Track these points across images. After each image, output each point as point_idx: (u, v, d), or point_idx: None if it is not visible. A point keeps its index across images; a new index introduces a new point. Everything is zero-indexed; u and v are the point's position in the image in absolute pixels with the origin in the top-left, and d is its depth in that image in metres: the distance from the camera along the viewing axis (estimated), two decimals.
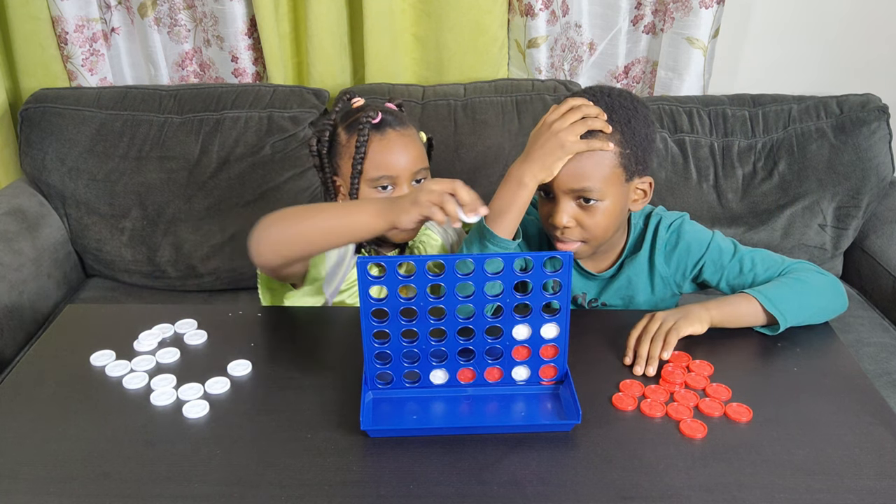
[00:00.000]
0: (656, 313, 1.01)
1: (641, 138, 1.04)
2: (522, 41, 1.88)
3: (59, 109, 1.76)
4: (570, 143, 1.00)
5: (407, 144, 1.14)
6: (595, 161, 1.01)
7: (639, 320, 1.01)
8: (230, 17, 1.84)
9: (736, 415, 0.86)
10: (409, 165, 1.14)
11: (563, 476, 0.79)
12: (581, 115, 1.01)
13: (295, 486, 0.77)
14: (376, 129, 1.13)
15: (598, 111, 1.01)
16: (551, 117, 1.03)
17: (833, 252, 1.77)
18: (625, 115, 1.03)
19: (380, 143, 1.13)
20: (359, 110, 1.16)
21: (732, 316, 1.02)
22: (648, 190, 1.10)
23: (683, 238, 1.14)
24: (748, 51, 1.96)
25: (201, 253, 1.77)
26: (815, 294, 1.05)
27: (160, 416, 0.88)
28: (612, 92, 1.06)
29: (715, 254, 1.12)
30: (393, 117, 1.16)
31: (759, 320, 1.03)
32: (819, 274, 1.09)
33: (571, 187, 1.02)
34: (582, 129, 1.00)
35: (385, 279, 0.82)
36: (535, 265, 0.82)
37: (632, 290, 1.16)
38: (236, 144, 1.75)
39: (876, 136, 1.74)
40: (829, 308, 1.07)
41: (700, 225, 1.16)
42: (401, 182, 1.14)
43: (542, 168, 1.01)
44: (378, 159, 1.13)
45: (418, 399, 0.90)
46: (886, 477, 0.78)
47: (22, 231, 1.68)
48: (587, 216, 1.04)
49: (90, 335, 1.04)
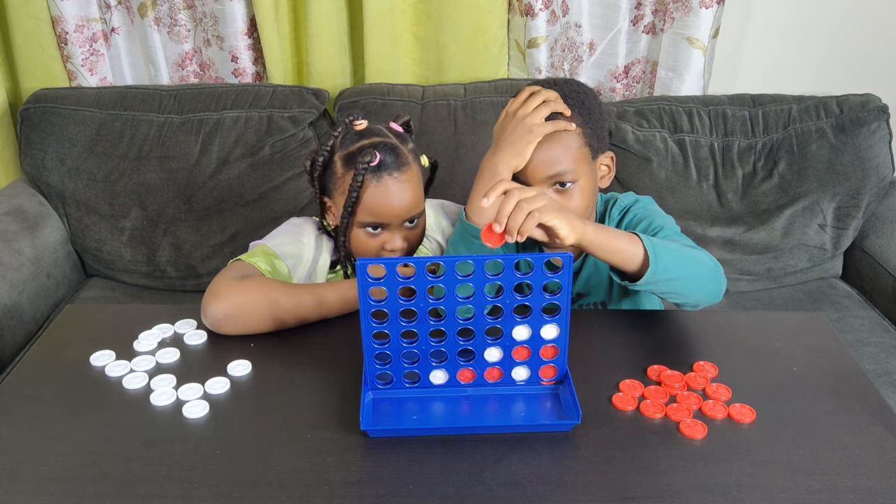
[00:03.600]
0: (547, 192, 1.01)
1: (597, 116, 1.09)
2: (522, 41, 1.88)
3: (58, 109, 1.76)
4: (537, 127, 1.04)
5: (403, 191, 1.11)
6: (563, 145, 1.05)
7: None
8: (230, 17, 1.84)
9: (739, 416, 0.86)
10: (402, 213, 1.12)
11: (563, 476, 0.79)
12: (542, 100, 1.05)
13: (295, 486, 0.77)
14: (373, 173, 1.09)
15: (556, 95, 1.06)
16: (513, 107, 1.08)
17: (833, 252, 1.78)
18: (577, 98, 1.08)
19: (375, 189, 1.09)
20: (360, 136, 1.12)
21: (607, 242, 0.94)
22: (611, 164, 1.15)
23: (630, 211, 1.17)
24: (748, 51, 1.96)
25: (201, 253, 1.78)
26: (694, 263, 1.00)
27: (160, 416, 0.88)
28: (558, 81, 1.12)
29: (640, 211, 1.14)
30: (393, 158, 1.10)
31: (633, 260, 0.95)
32: (707, 254, 1.04)
33: (547, 174, 1.06)
34: (545, 111, 1.04)
35: (384, 281, 0.82)
36: (535, 266, 0.82)
37: (599, 275, 1.18)
38: (236, 144, 1.75)
39: (876, 136, 1.74)
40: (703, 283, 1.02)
41: (657, 207, 1.17)
42: (392, 228, 1.13)
43: (514, 154, 1.04)
44: (371, 205, 1.10)
45: (418, 399, 0.90)
46: (886, 477, 0.78)
47: (22, 231, 1.68)
48: (566, 200, 1.06)
49: (90, 335, 1.04)
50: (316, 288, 1.08)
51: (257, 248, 1.15)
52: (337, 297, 1.06)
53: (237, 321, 1.02)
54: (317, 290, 1.07)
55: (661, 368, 0.94)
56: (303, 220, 1.25)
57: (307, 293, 1.06)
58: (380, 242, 1.14)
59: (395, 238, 1.13)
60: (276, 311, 1.02)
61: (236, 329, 1.02)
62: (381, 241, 1.14)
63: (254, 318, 1.02)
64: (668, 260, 0.97)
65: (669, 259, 0.97)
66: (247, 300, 1.02)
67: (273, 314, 1.02)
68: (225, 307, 1.01)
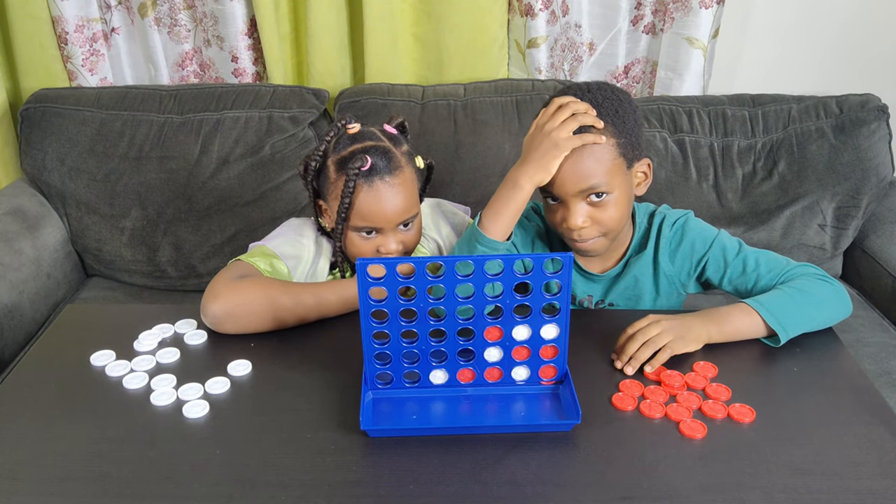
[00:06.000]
0: (659, 318, 0.98)
1: (631, 124, 1.05)
2: (522, 41, 1.88)
3: (59, 109, 1.76)
4: (564, 141, 1.00)
5: (396, 195, 1.10)
6: (595, 158, 1.02)
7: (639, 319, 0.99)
8: (230, 17, 1.84)
9: (739, 415, 0.86)
10: (395, 217, 1.11)
11: (563, 476, 0.79)
12: (570, 112, 1.02)
13: (295, 486, 0.77)
14: (365, 177, 1.09)
15: (587, 107, 1.03)
16: (542, 120, 1.04)
17: (833, 252, 1.77)
18: (611, 106, 1.04)
19: (367, 193, 1.09)
20: (353, 139, 1.12)
21: (732, 333, 0.99)
22: (648, 171, 1.11)
23: (688, 235, 1.13)
24: (748, 51, 1.96)
25: (201, 253, 1.78)
26: (818, 304, 1.02)
27: (160, 416, 0.88)
28: (591, 87, 1.07)
29: (718, 251, 1.11)
30: (385, 162, 1.10)
31: (759, 333, 1.00)
32: (823, 282, 1.04)
33: (580, 188, 1.03)
34: (573, 125, 1.01)
35: (384, 281, 0.82)
36: (536, 267, 0.82)
37: (638, 289, 1.16)
38: (236, 144, 1.75)
39: (876, 136, 1.74)
40: (832, 317, 1.04)
41: (705, 222, 1.16)
42: (386, 231, 1.13)
43: (539, 169, 1.01)
44: (364, 210, 1.10)
45: (418, 399, 0.90)
46: (886, 477, 0.78)
47: (22, 231, 1.68)
48: (600, 212, 1.05)
49: (90, 335, 1.04)
50: (316, 287, 1.08)
51: (256, 249, 1.15)
52: (337, 296, 1.06)
53: (237, 320, 1.02)
54: (317, 290, 1.07)
55: (660, 368, 0.94)
56: (302, 221, 1.25)
57: (307, 292, 1.06)
58: (374, 246, 1.14)
59: (390, 241, 1.13)
60: (275, 310, 1.02)
61: (236, 328, 1.02)
62: (375, 245, 1.14)
63: (254, 317, 1.02)
64: (793, 320, 0.99)
65: (794, 319, 0.99)
66: (246, 299, 1.02)
67: (273, 313, 1.02)
68: (225, 306, 1.01)
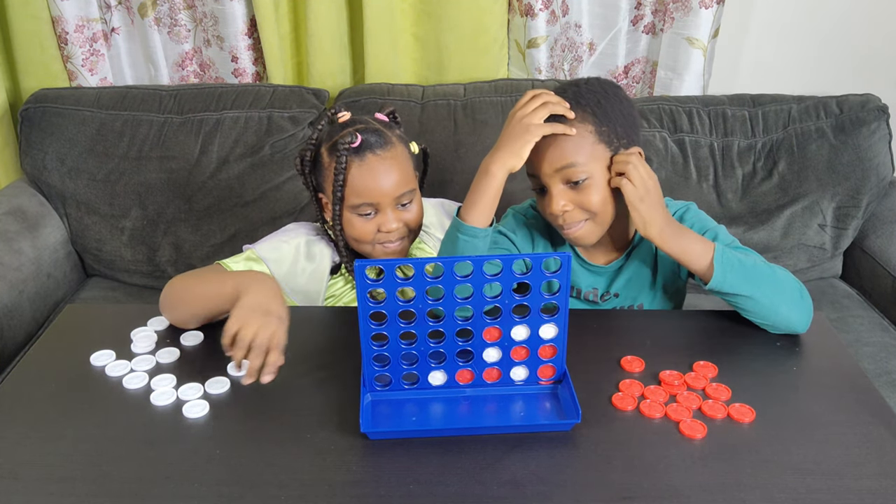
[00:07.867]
0: (647, 172, 1.04)
1: (616, 114, 1.07)
2: (522, 41, 1.88)
3: (59, 109, 1.76)
4: (535, 127, 1.03)
5: (389, 168, 1.11)
6: (573, 142, 1.04)
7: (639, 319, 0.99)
8: (230, 17, 1.84)
9: (739, 415, 0.86)
10: (390, 191, 1.11)
11: (563, 476, 0.79)
12: (542, 102, 1.04)
13: (295, 486, 0.77)
14: (356, 153, 1.10)
15: (559, 99, 1.05)
16: (515, 109, 1.07)
17: (833, 252, 1.77)
18: (593, 97, 1.06)
19: (359, 168, 1.10)
20: (344, 126, 1.13)
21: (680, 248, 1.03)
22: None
23: (686, 220, 1.15)
24: (748, 51, 1.96)
25: (201, 253, 1.77)
26: (771, 282, 1.01)
27: (160, 416, 0.88)
28: (579, 81, 1.10)
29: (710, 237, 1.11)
30: (376, 138, 1.11)
31: (701, 265, 1.02)
32: (793, 278, 1.04)
33: (555, 168, 1.05)
34: (544, 112, 1.04)
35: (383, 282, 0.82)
36: (535, 266, 0.82)
37: (641, 279, 1.17)
38: (236, 144, 1.75)
39: (876, 136, 1.74)
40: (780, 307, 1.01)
41: (706, 214, 1.17)
42: (383, 207, 1.13)
43: (511, 154, 1.03)
44: (358, 186, 1.11)
45: (417, 400, 0.90)
46: (886, 477, 0.78)
47: (22, 231, 1.68)
48: (580, 195, 1.06)
49: (90, 335, 1.04)
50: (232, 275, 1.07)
51: (243, 253, 1.16)
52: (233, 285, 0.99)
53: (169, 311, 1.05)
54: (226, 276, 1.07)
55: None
56: (297, 226, 1.25)
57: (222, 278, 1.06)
58: (374, 225, 1.13)
59: (389, 219, 1.13)
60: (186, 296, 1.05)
61: (173, 318, 1.05)
62: (375, 224, 1.13)
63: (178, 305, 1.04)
64: (735, 276, 1.00)
65: (737, 276, 1.00)
66: (169, 289, 1.05)
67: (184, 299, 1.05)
68: (161, 298, 1.05)
